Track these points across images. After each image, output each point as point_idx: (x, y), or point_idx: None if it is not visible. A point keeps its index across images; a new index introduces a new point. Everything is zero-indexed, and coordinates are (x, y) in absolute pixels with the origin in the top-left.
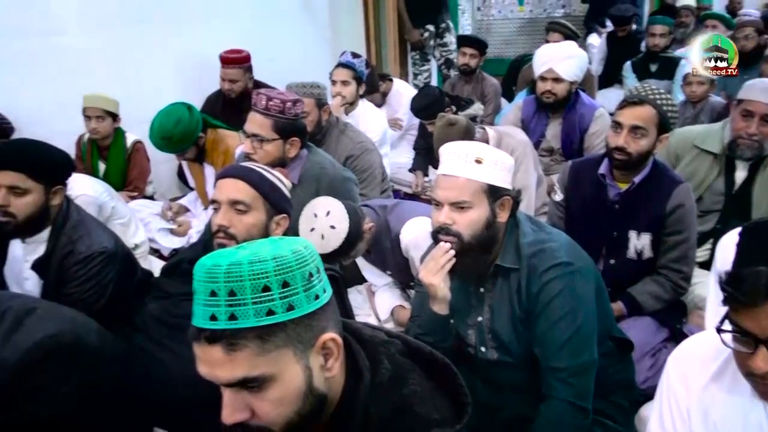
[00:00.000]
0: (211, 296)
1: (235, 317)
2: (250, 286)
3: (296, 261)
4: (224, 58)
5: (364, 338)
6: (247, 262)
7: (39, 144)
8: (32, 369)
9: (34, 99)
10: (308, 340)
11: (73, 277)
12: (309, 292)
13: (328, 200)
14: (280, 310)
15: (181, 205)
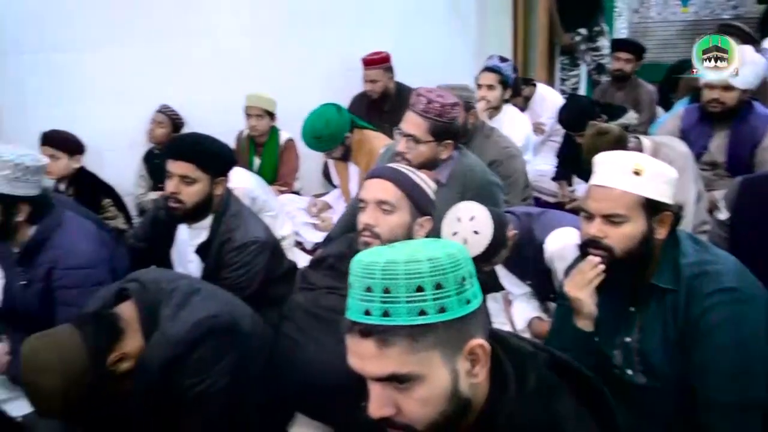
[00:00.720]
0: (367, 292)
1: (389, 314)
2: (405, 285)
3: (450, 264)
4: (365, 60)
5: (511, 348)
6: (403, 261)
7: (208, 138)
8: (195, 343)
9: (202, 97)
10: (457, 344)
11: (229, 263)
12: (461, 296)
13: (473, 205)
14: (432, 311)
15: (325, 201)
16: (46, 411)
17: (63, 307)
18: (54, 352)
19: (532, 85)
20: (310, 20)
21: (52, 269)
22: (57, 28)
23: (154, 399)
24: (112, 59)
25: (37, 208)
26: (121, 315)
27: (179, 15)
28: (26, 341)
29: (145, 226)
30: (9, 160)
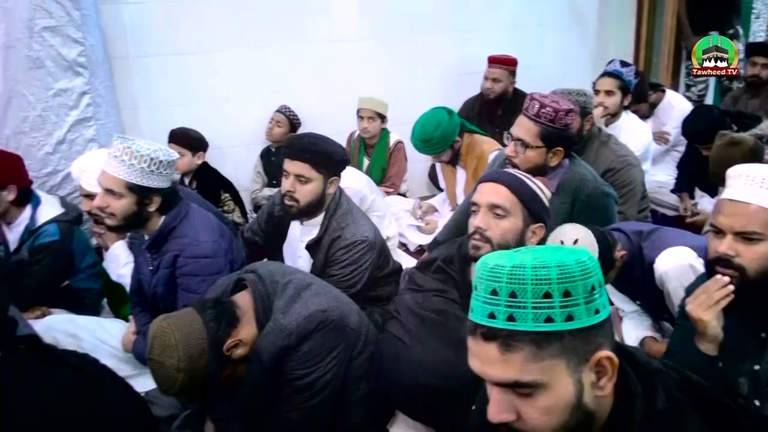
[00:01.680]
0: (492, 295)
1: (514, 319)
2: (532, 290)
3: (580, 271)
4: (491, 58)
5: (640, 364)
6: (530, 266)
7: (324, 138)
8: (305, 336)
9: (318, 98)
10: (583, 354)
11: (337, 260)
12: (590, 305)
13: (577, 228)
14: (559, 319)
15: (431, 204)
16: (167, 388)
17: (184, 292)
18: (178, 334)
19: (660, 91)
20: (423, 25)
21: (177, 257)
22: (185, 33)
23: (264, 385)
24: (236, 61)
25: (166, 199)
26: (239, 303)
27: (299, 20)
28: (154, 322)
29: (260, 221)
30: (145, 154)
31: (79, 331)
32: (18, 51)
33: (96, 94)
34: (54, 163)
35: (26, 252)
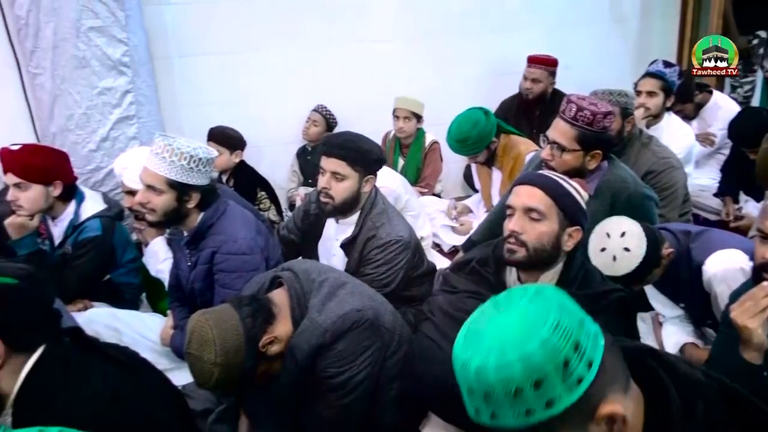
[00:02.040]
0: (469, 393)
1: (496, 416)
2: (502, 391)
3: (545, 355)
4: (532, 58)
5: (679, 374)
6: (493, 368)
7: (361, 137)
8: (340, 334)
9: (354, 97)
10: (583, 417)
11: (372, 259)
12: (569, 380)
13: (624, 220)
14: (539, 408)
15: (465, 205)
16: (203, 382)
17: (221, 288)
18: (215, 329)
19: (707, 92)
20: (460, 24)
21: (214, 253)
22: (225, 33)
23: (298, 382)
24: (275, 61)
25: (205, 196)
26: (275, 301)
27: (336, 21)
28: (192, 317)
29: (296, 219)
30: (185, 152)
31: (120, 325)
32: (65, 50)
33: (139, 93)
34: (97, 160)
35: (70, 246)
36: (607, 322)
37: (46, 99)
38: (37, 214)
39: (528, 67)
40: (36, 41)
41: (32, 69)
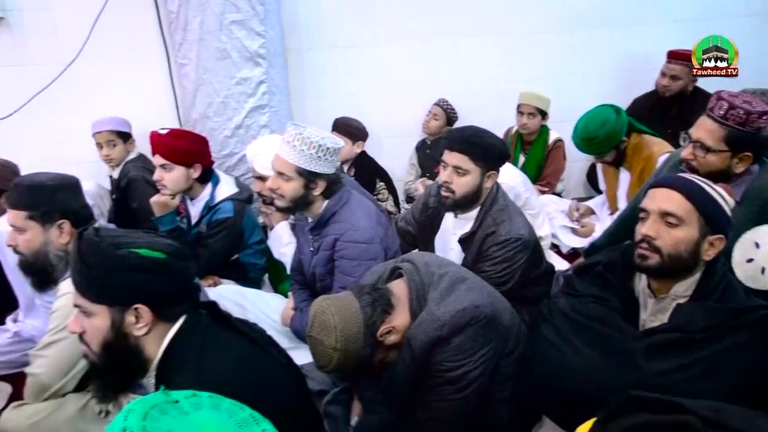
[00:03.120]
0: None
1: None
2: None
3: None
4: (672, 53)
5: None
6: None
7: (485, 132)
8: (458, 329)
9: (476, 92)
10: None
11: (490, 256)
12: None
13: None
14: None
15: (588, 206)
16: (323, 365)
17: (341, 275)
18: (337, 316)
19: None
20: (589, 17)
21: (336, 240)
22: (354, 27)
23: (413, 372)
24: (399, 54)
25: (330, 185)
26: (394, 291)
27: (462, 14)
28: (315, 302)
29: (415, 211)
30: (314, 141)
31: (246, 302)
32: (208, 43)
33: (272, 84)
34: (231, 146)
35: (204, 225)
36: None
37: (189, 87)
38: (178, 194)
39: (667, 62)
40: (184, 34)
41: (179, 59)
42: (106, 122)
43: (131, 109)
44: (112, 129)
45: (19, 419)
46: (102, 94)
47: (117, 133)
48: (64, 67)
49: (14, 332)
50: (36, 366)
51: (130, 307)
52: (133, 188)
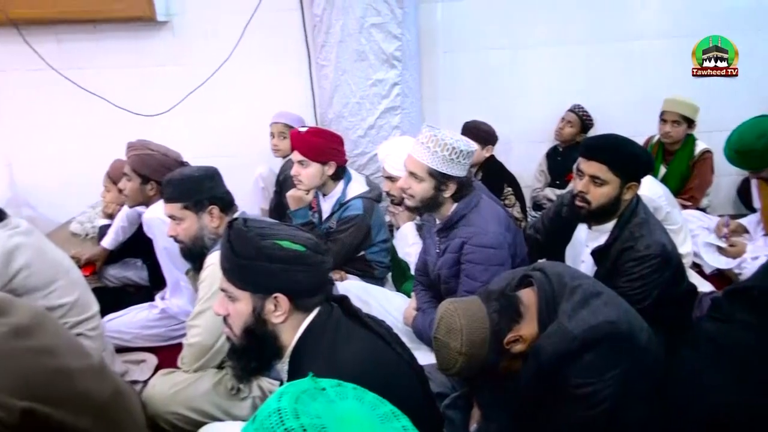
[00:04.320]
0: None
1: None
2: None
3: None
4: None
5: None
6: None
7: (627, 141)
8: (590, 345)
9: (614, 98)
10: None
11: (626, 272)
12: None
13: None
14: None
15: (741, 224)
16: (446, 367)
17: (467, 279)
18: (463, 319)
19: None
20: (741, 22)
21: (464, 243)
22: (492, 30)
23: (538, 384)
24: (535, 59)
25: (461, 187)
26: (523, 299)
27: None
28: (442, 304)
29: (545, 220)
30: (448, 143)
31: (370, 299)
32: (348, 45)
33: (405, 86)
34: (363, 146)
35: (335, 221)
36: None
37: (328, 88)
38: (312, 190)
39: None
40: (326, 37)
41: (320, 61)
42: (283, 115)
43: (273, 107)
44: (286, 122)
45: (164, 387)
46: (248, 93)
47: (290, 127)
48: (216, 67)
49: (161, 309)
50: (191, 336)
51: (271, 295)
52: (288, 184)
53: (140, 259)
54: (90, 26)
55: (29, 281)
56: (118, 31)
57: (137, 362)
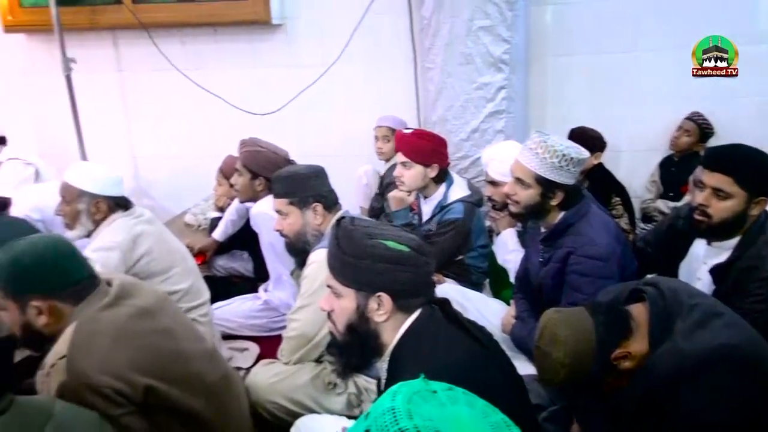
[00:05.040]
0: None
1: None
2: None
3: None
4: None
5: None
6: None
7: (755, 152)
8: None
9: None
10: None
11: (751, 293)
12: None
13: None
14: None
15: None
16: (547, 378)
17: (571, 290)
18: (569, 330)
19: None
20: None
21: (570, 254)
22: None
23: (646, 405)
24: (652, 63)
25: (569, 196)
26: (633, 315)
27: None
28: (546, 313)
29: (658, 233)
30: (558, 150)
31: (467, 303)
32: (455, 48)
33: (512, 90)
34: (465, 149)
35: (435, 224)
36: None
37: (432, 91)
38: (414, 191)
39: None
40: (433, 39)
41: (426, 64)
42: (387, 118)
43: (378, 109)
44: (390, 126)
45: (265, 376)
46: (354, 94)
47: (394, 131)
48: (325, 69)
49: (264, 300)
50: (291, 329)
51: (374, 294)
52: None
53: (247, 251)
54: (211, 30)
55: (150, 266)
56: (236, 35)
57: (241, 350)
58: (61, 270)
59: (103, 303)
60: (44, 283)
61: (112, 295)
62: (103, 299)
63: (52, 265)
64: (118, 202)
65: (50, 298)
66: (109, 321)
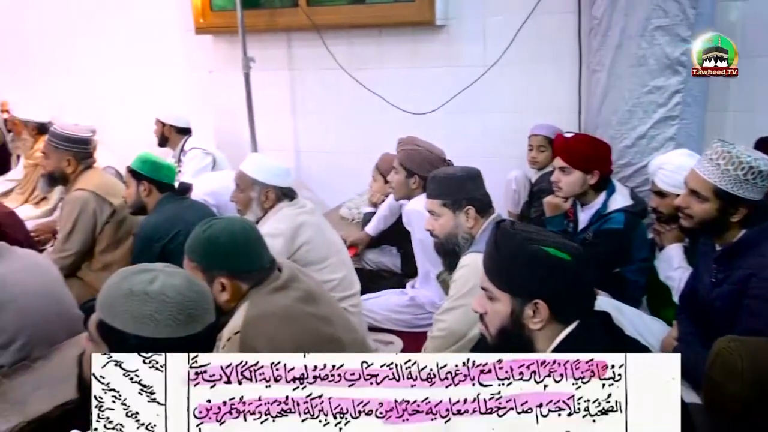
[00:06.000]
0: None
1: None
2: None
3: None
4: None
5: None
6: None
7: None
8: None
9: None
10: None
11: None
12: None
13: None
14: None
15: None
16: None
17: (750, 317)
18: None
19: None
20: None
21: (752, 276)
22: None
23: None
24: None
25: (753, 212)
26: None
27: None
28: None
29: None
30: (745, 161)
31: (622, 318)
32: (627, 49)
33: (688, 94)
34: (629, 156)
35: (591, 233)
36: None
37: (598, 94)
38: (571, 198)
39: None
40: (603, 40)
41: (593, 65)
42: (543, 126)
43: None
44: (545, 135)
45: None
46: (512, 96)
47: (549, 140)
48: (485, 69)
49: (410, 296)
50: (436, 329)
51: (531, 300)
52: (537, 197)
53: (396, 247)
54: (376, 31)
55: (309, 255)
56: (400, 35)
57: (386, 343)
58: (250, 254)
59: (274, 285)
60: (234, 264)
61: (284, 278)
62: (274, 282)
63: (244, 248)
64: (285, 192)
65: (236, 278)
66: (278, 302)
